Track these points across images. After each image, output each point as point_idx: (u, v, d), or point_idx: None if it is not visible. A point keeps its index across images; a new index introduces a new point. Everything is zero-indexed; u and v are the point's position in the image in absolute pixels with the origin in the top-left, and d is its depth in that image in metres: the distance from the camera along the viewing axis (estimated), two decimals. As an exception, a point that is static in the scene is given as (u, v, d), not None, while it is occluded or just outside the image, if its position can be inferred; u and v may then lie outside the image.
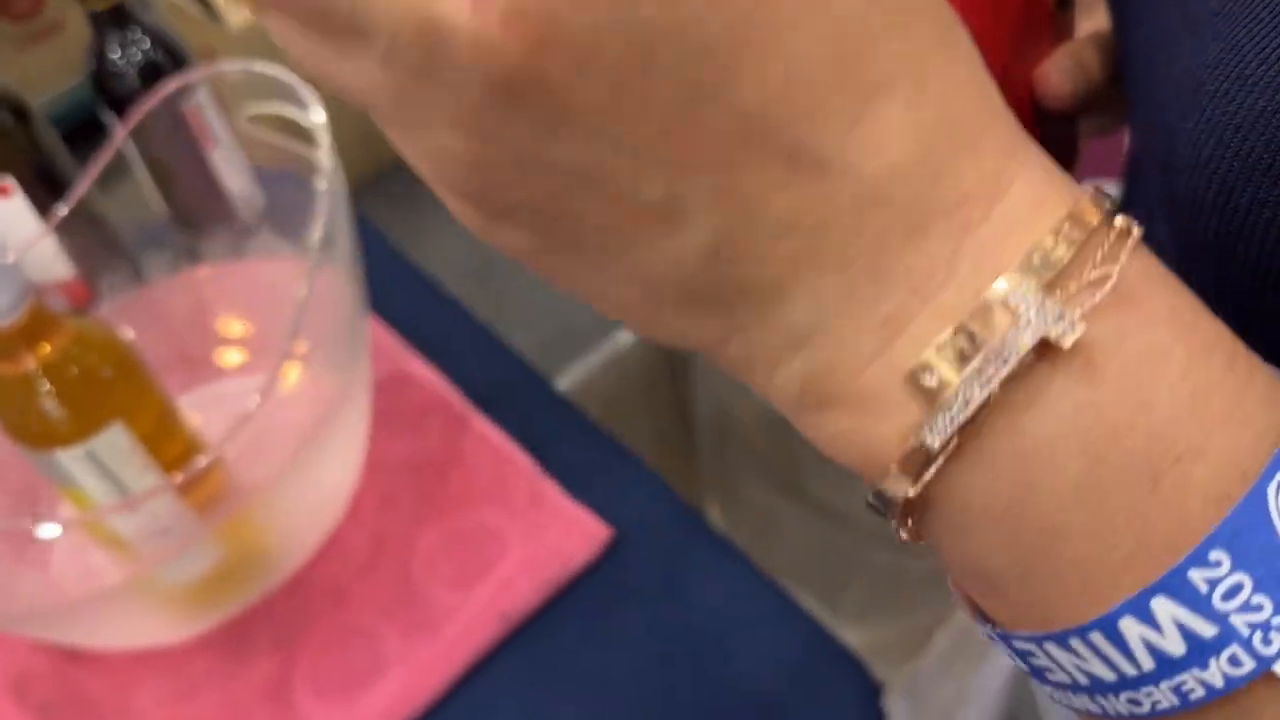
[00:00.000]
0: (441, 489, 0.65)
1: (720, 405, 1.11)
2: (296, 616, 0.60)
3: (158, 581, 0.56)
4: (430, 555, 0.62)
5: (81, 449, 0.50)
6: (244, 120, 0.63)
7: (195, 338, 0.68)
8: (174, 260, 0.67)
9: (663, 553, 0.61)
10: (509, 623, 0.58)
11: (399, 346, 0.73)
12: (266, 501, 0.56)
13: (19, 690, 0.60)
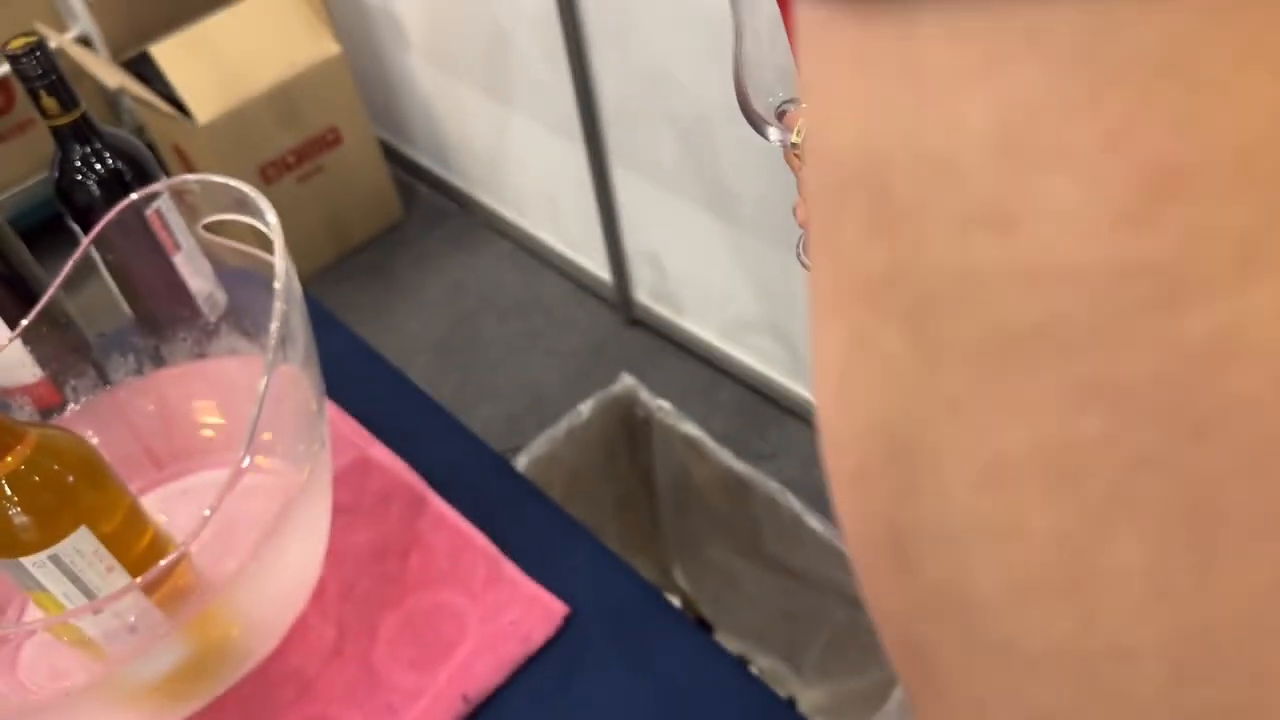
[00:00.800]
0: (402, 573, 0.67)
1: (679, 471, 1.14)
2: (262, 708, 0.61)
3: (126, 679, 0.57)
4: (392, 640, 0.64)
5: (45, 555, 0.51)
6: (200, 228, 0.65)
7: (161, 436, 0.70)
8: (138, 362, 0.69)
9: (620, 627, 0.63)
10: (470, 705, 0.60)
11: (360, 432, 0.76)
12: (232, 595, 0.58)
13: (-12, 793, 0.61)
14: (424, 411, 0.79)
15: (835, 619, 1.05)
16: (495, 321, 1.97)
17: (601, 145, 1.61)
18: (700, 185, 1.50)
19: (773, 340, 1.59)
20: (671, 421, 1.11)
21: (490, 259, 2.11)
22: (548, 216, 1.96)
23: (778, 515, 1.03)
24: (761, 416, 1.67)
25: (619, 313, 1.88)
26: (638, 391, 1.14)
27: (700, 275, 1.65)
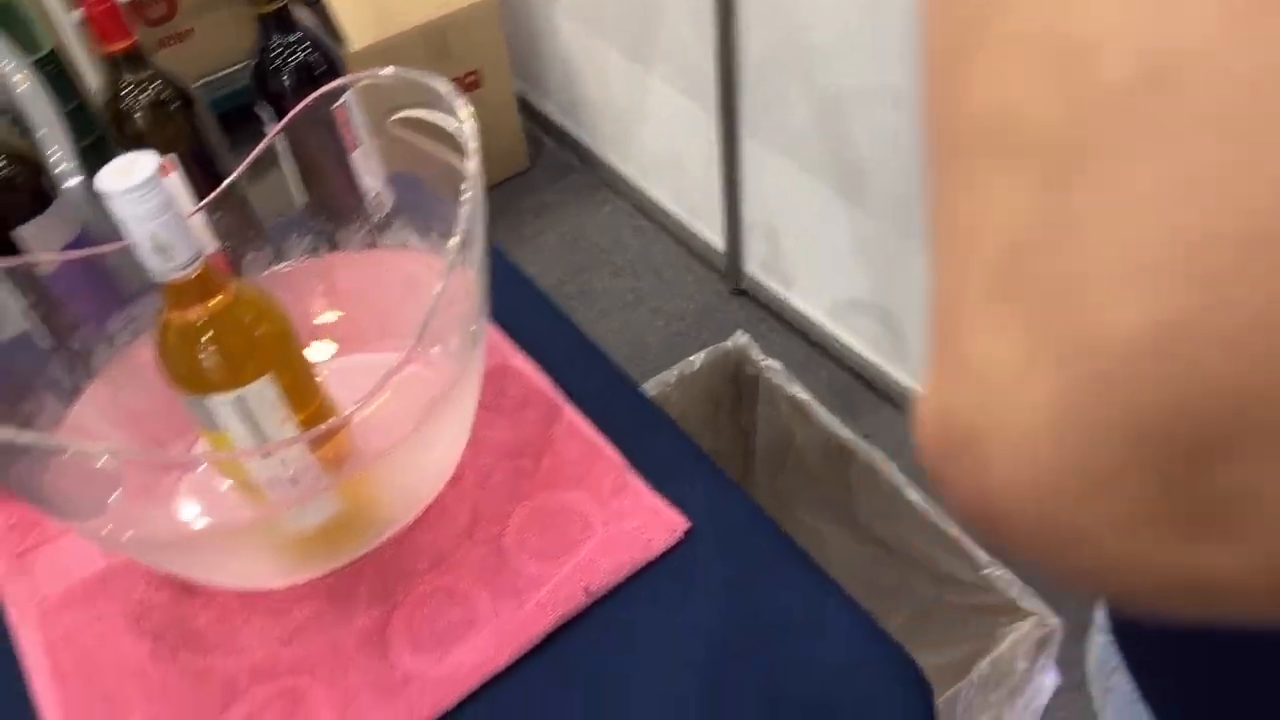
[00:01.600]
0: (534, 471, 0.71)
1: (781, 432, 1.16)
2: (398, 573, 0.65)
3: (280, 527, 0.62)
4: (521, 529, 0.67)
5: (232, 396, 0.56)
6: (390, 121, 0.69)
7: (326, 315, 0.75)
8: (314, 245, 0.74)
9: (736, 549, 0.66)
10: (590, 597, 0.63)
11: (504, 342, 0.79)
12: (385, 466, 0.62)
13: (136, 618, 0.66)
14: (563, 333, 0.83)
15: (920, 594, 1.07)
16: (607, 276, 2.00)
17: (735, 114, 1.62)
18: (830, 163, 1.51)
19: (880, 324, 1.60)
20: (780, 382, 1.13)
21: (607, 216, 2.14)
22: (669, 180, 1.99)
23: (877, 486, 1.04)
24: (857, 399, 1.68)
25: (726, 281, 1.91)
26: (750, 350, 1.16)
27: (815, 252, 1.66)
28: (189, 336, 0.54)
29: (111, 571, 0.68)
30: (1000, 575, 0.94)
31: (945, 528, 0.97)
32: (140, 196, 0.48)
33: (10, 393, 0.63)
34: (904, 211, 1.43)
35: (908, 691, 0.58)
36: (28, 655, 0.65)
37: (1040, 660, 0.90)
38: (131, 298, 0.71)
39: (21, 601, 0.68)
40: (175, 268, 0.51)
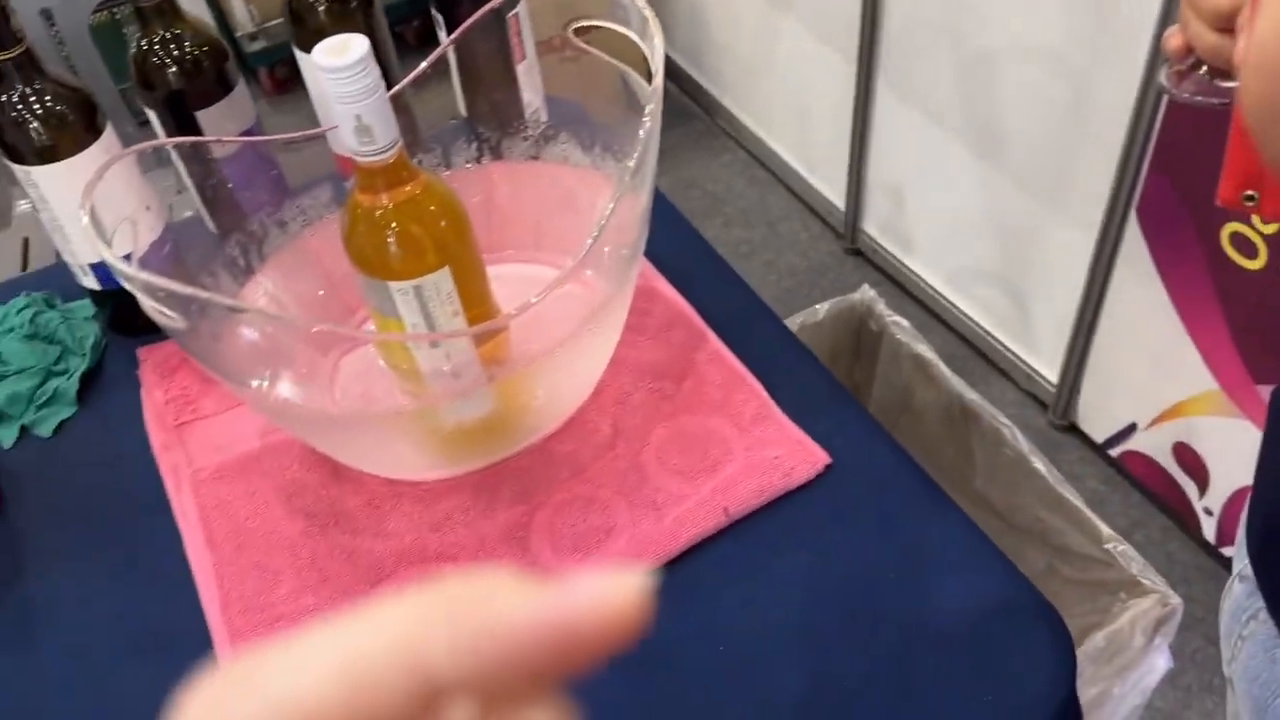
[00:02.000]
0: (676, 393, 0.71)
1: (901, 390, 1.15)
2: (540, 478, 0.67)
3: (435, 418, 0.63)
4: (662, 448, 0.68)
5: (411, 284, 0.57)
6: (570, 30, 0.69)
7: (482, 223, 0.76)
8: (476, 153, 0.75)
9: (876, 486, 0.66)
10: (729, 518, 0.64)
11: (650, 267, 0.80)
12: (538, 371, 0.63)
13: (288, 495, 0.68)
14: (710, 261, 0.83)
15: (1032, 564, 1.05)
16: (718, 225, 2.00)
17: (873, 66, 1.59)
18: (969, 123, 1.47)
19: (1002, 294, 1.57)
20: (906, 339, 1.11)
21: (724, 165, 2.13)
22: (793, 132, 1.97)
23: (999, 452, 1.03)
24: (968, 369, 1.65)
25: (842, 240, 1.88)
26: (876, 305, 1.15)
27: (941, 216, 1.63)
28: (377, 221, 0.56)
29: (265, 450, 0.70)
30: (1123, 550, 0.92)
31: (1069, 498, 0.96)
32: (351, 76, 0.49)
33: (190, 267, 0.66)
34: (1042, 179, 1.39)
35: (1054, 638, 0.57)
36: (183, 522, 0.68)
37: (1156, 639, 0.89)
38: (301, 189, 0.73)
39: (177, 471, 0.71)
40: (374, 151, 0.52)
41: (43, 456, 0.74)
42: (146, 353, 0.79)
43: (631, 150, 0.57)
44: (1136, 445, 1.41)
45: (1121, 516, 1.44)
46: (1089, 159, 1.29)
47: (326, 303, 0.72)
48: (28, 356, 0.77)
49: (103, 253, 0.51)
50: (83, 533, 0.69)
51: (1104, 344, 1.40)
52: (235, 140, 0.67)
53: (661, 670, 0.58)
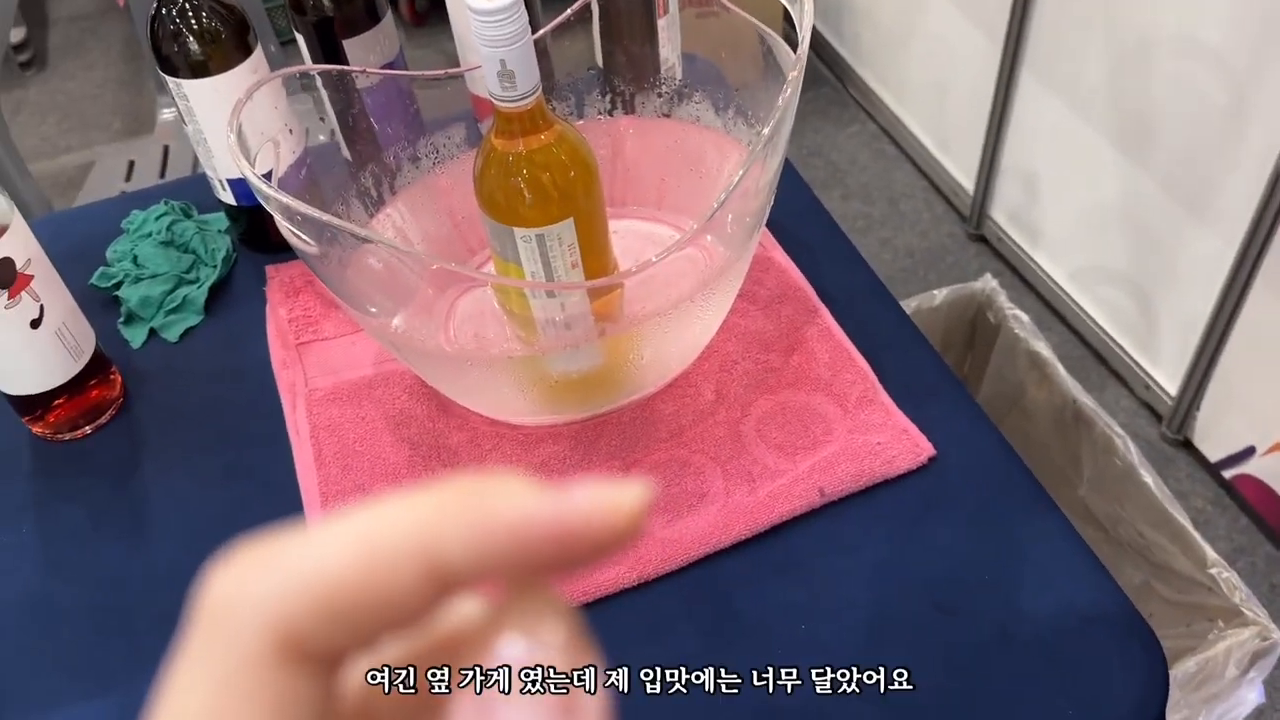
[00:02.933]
0: (783, 367, 0.71)
1: (1013, 387, 1.12)
2: (638, 436, 0.67)
3: (543, 366, 0.64)
4: (762, 420, 0.68)
5: (534, 232, 0.58)
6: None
7: (606, 176, 0.76)
8: (609, 105, 0.75)
9: (979, 482, 0.64)
10: (824, 499, 0.63)
11: (768, 235, 0.79)
12: (648, 330, 0.63)
13: (396, 424, 0.70)
14: (830, 234, 0.82)
15: (1127, 579, 1.02)
16: (837, 197, 1.96)
17: (1020, 47, 1.54)
18: (1114, 117, 1.41)
19: (1129, 297, 1.51)
20: (1024, 335, 1.08)
21: (851, 136, 2.09)
22: (928, 109, 1.91)
23: (1109, 461, 1.00)
24: (1084, 371, 1.60)
25: (966, 224, 1.83)
26: (997, 296, 1.12)
27: (1074, 209, 1.58)
28: (509, 166, 0.56)
29: (378, 378, 0.72)
30: (1227, 578, 0.89)
31: (1176, 516, 0.92)
32: (500, 21, 0.49)
33: (324, 192, 0.68)
34: (1186, 182, 1.33)
35: (1148, 660, 0.56)
36: (294, 438, 0.70)
37: (1251, 673, 0.86)
38: (436, 127, 0.73)
39: (294, 389, 0.73)
40: (515, 97, 0.53)
41: (167, 360, 0.77)
42: (274, 271, 0.81)
43: (766, 116, 0.56)
44: (1251, 469, 1.35)
45: (1226, 541, 1.39)
46: (1239, 165, 1.23)
47: (450, 241, 0.73)
48: (162, 262, 0.80)
49: (246, 172, 0.53)
50: (199, 436, 0.72)
51: (1231, 361, 1.34)
52: (379, 73, 0.69)
53: (741, 639, 0.58)
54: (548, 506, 0.16)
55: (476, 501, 0.16)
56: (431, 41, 2.52)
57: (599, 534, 0.16)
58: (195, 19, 0.71)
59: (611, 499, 0.16)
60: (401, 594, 0.16)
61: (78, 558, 0.67)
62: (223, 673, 0.16)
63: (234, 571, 0.16)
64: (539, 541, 0.16)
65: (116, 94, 2.46)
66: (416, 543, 0.16)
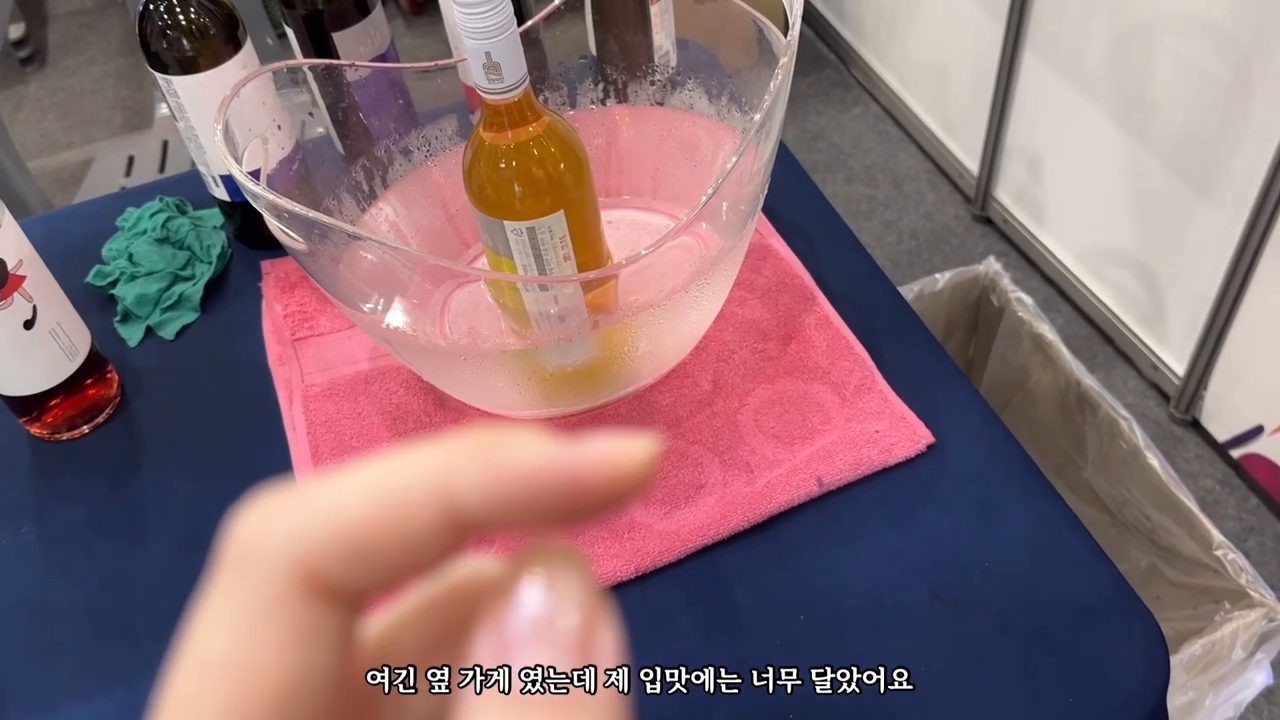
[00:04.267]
0: (780, 355, 0.70)
1: (1016, 370, 1.11)
2: (636, 428, 0.67)
3: (538, 360, 0.64)
4: (759, 410, 0.67)
5: (525, 225, 0.57)
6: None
7: (600, 165, 0.75)
8: (602, 94, 0.74)
9: (979, 471, 0.64)
10: (822, 488, 0.63)
11: (766, 223, 0.78)
12: (643, 322, 0.63)
13: (393, 420, 0.70)
14: (829, 220, 0.81)
15: (1134, 561, 1.02)
16: (841, 180, 1.95)
17: (1023, 26, 1.52)
18: (1118, 96, 1.40)
19: (1135, 277, 1.50)
20: (1028, 318, 1.08)
21: (854, 118, 2.07)
22: (931, 89, 1.90)
23: (1114, 444, 0.99)
24: (1091, 352, 1.59)
25: (971, 205, 1.82)
26: (1001, 279, 1.11)
27: (1079, 190, 1.56)
28: (498, 159, 0.56)
29: (374, 373, 0.72)
30: (1233, 559, 0.88)
31: (1182, 499, 0.92)
32: (485, 13, 0.48)
33: (316, 187, 0.67)
34: (1191, 161, 1.32)
35: (1148, 646, 0.55)
36: (291, 434, 0.70)
37: (1258, 654, 0.85)
38: (428, 119, 0.73)
39: (290, 385, 0.73)
40: (501, 88, 0.52)
41: (164, 358, 0.77)
42: (270, 266, 0.81)
43: (759, 104, 0.56)
44: (1260, 449, 1.34)
45: (1235, 520, 1.38)
46: (1245, 144, 1.21)
47: (444, 234, 0.73)
48: (157, 260, 0.80)
49: (233, 169, 0.53)
50: (196, 434, 0.72)
51: (1238, 340, 1.33)
52: (368, 65, 0.68)
53: (740, 633, 0.58)
54: (561, 455, 0.16)
55: (492, 449, 0.17)
56: (431, 30, 2.51)
57: (611, 482, 0.16)
58: (184, 15, 0.70)
59: (623, 449, 0.17)
60: (418, 535, 0.16)
61: (77, 558, 0.67)
62: (246, 608, 0.16)
63: (256, 514, 0.17)
64: (552, 488, 0.16)
65: (116, 89, 2.46)
66: (432, 487, 0.16)
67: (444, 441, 0.17)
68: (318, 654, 0.16)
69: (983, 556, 0.60)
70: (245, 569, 0.16)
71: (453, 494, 0.16)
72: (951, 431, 0.66)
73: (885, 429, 0.65)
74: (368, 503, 0.16)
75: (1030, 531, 0.61)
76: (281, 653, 0.16)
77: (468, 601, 0.19)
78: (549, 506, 0.16)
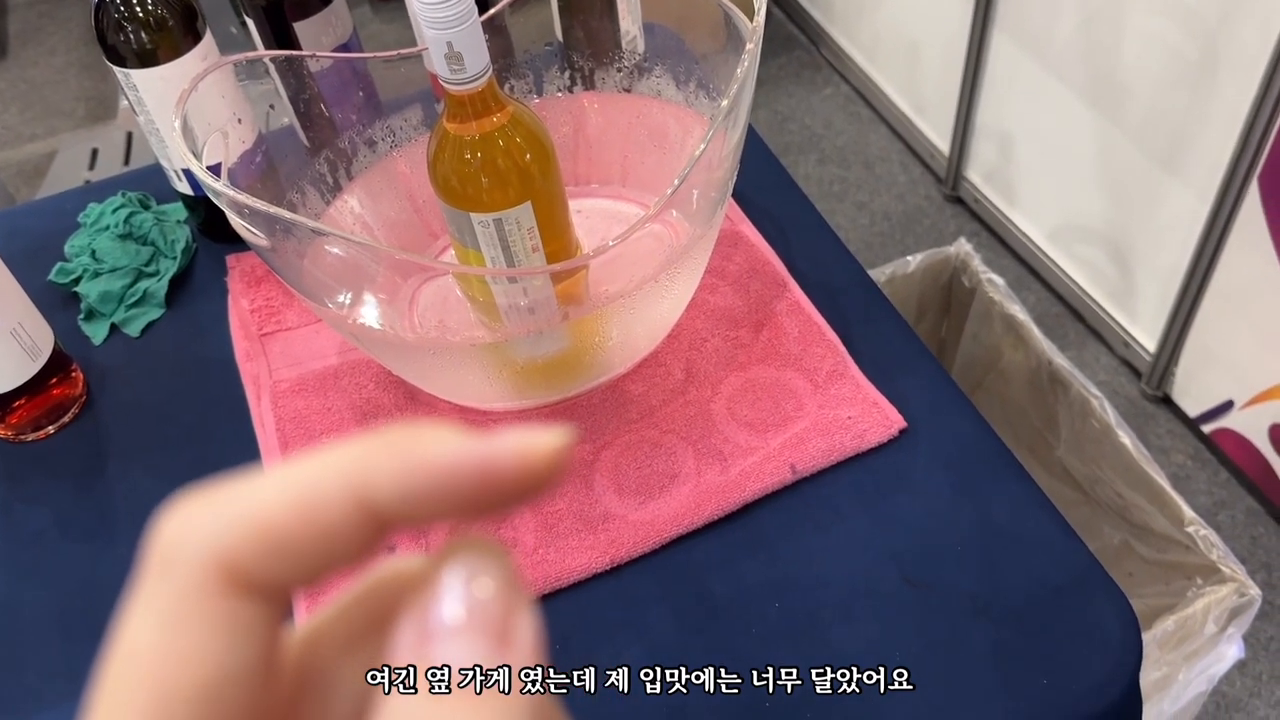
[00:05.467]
0: (752, 343, 0.70)
1: (988, 351, 1.12)
2: (609, 418, 0.67)
3: (508, 352, 0.63)
4: (732, 398, 0.67)
5: (492, 216, 0.57)
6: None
7: (568, 154, 0.75)
8: (569, 81, 0.73)
9: (950, 455, 0.64)
10: (796, 475, 0.63)
11: (735, 208, 0.78)
12: (614, 312, 0.62)
13: (363, 415, 0.69)
14: (799, 205, 0.81)
15: (1106, 539, 1.03)
16: (813, 162, 1.95)
17: (991, 5, 1.52)
18: (1087, 73, 1.40)
19: (1106, 255, 1.51)
20: (999, 298, 1.08)
21: (824, 99, 2.07)
22: (901, 69, 1.90)
23: (1086, 423, 1.00)
24: (1062, 330, 1.60)
25: (943, 186, 1.83)
26: (971, 260, 1.12)
27: (1050, 168, 1.57)
28: (462, 150, 0.55)
29: (344, 367, 0.71)
30: (1205, 535, 0.89)
31: (1154, 476, 0.92)
32: (446, 2, 0.48)
33: (281, 179, 0.66)
34: (1160, 138, 1.32)
35: (1120, 627, 0.56)
36: (260, 432, 0.69)
37: (1230, 629, 0.86)
38: (393, 109, 0.72)
39: (258, 381, 0.72)
40: (465, 78, 0.51)
41: (130, 355, 0.76)
42: (235, 260, 0.80)
43: (727, 89, 0.55)
44: (1231, 423, 1.36)
45: (1206, 495, 1.39)
46: (1212, 121, 1.22)
47: (411, 226, 0.72)
48: (120, 256, 0.79)
49: (192, 165, 0.52)
50: (163, 432, 0.71)
51: (1208, 316, 1.34)
52: (328, 55, 0.67)
53: (716, 622, 0.58)
54: (473, 448, 0.17)
55: (405, 445, 0.17)
56: (398, 15, 2.48)
57: (521, 474, 0.17)
58: (141, 7, 0.69)
59: (533, 442, 0.17)
60: (335, 530, 0.17)
61: (46, 561, 0.66)
62: (170, 605, 0.17)
63: (179, 515, 0.17)
64: (464, 481, 0.17)
65: (79, 79, 2.42)
66: (348, 482, 0.17)
67: (361, 439, 0.18)
68: (241, 647, 0.17)
69: (955, 540, 0.60)
70: (168, 568, 0.17)
71: (368, 488, 0.17)
72: (923, 416, 0.66)
73: (858, 415, 0.65)
74: (285, 499, 0.17)
75: (1002, 514, 0.61)
76: (205, 647, 0.17)
77: (391, 598, 0.19)
78: (462, 499, 0.17)
